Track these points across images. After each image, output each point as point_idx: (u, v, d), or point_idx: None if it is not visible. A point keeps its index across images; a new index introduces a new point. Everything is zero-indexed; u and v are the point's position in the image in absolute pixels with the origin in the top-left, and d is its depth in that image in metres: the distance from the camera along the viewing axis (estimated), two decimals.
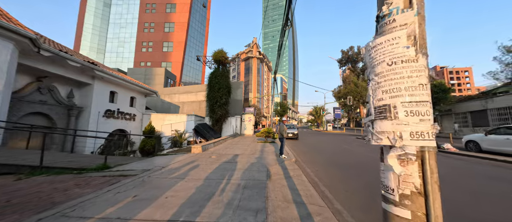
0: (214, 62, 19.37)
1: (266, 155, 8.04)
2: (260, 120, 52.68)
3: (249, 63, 63.21)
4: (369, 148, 11.40)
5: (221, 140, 12.66)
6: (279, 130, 7.99)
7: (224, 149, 9.66)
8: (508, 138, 8.20)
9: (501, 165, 6.76)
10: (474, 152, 9.25)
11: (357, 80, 54.94)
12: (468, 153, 8.98)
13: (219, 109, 17.86)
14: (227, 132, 19.19)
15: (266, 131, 13.43)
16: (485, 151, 9.00)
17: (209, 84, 18.65)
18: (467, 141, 9.88)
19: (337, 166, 6.60)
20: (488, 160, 7.59)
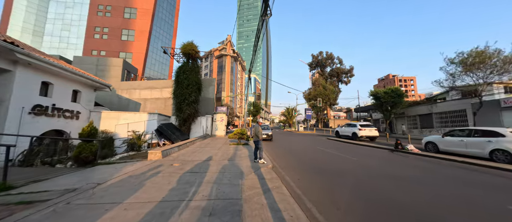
0: (183, 55, 17.48)
1: (239, 161, 7.07)
2: (233, 120, 51.31)
3: (222, 61, 61.22)
4: (341, 149, 11.48)
5: (188, 142, 11.18)
6: (254, 131, 7.12)
7: (190, 154, 8.33)
8: (462, 139, 8.97)
9: (461, 166, 7.20)
10: (432, 152, 9.97)
11: (326, 84, 58.37)
12: (429, 153, 9.60)
13: (188, 108, 16.13)
14: (197, 132, 17.54)
15: (239, 132, 12.46)
16: (441, 151, 9.72)
17: (176, 79, 16.70)
18: (427, 142, 10.55)
19: (318, 172, 6.05)
20: (449, 160, 8.11)
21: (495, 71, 15.34)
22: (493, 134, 8.13)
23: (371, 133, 16.76)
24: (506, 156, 7.41)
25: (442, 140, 9.88)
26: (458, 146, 9.07)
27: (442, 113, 22.56)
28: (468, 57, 16.58)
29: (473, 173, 6.17)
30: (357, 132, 16.70)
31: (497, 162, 7.43)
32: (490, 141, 8.02)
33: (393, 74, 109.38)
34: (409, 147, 10.17)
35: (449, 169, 6.69)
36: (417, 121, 26.29)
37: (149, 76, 30.10)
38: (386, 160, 8.20)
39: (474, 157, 8.32)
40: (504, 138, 7.70)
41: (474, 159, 7.96)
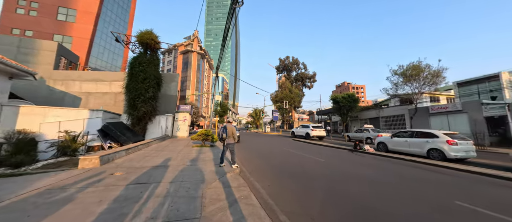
0: (140, 45, 15.22)
1: (202, 165, 6.19)
2: (197, 120, 48.50)
3: (188, 57, 57.52)
4: (307, 150, 11.70)
5: (141, 145, 9.53)
6: (228, 133, 6.19)
7: (141, 159, 6.96)
8: (406, 140, 10.19)
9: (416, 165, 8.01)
10: (383, 151, 11.09)
11: (291, 87, 61.17)
12: (381, 153, 10.56)
13: (143, 105, 14.03)
14: (154, 133, 15.48)
15: (204, 133, 11.38)
16: (390, 150, 10.85)
17: (130, 72, 14.37)
18: (378, 142, 11.72)
19: (289, 176, 5.70)
20: (397, 159, 8.98)
21: (426, 82, 18.37)
22: (430, 135, 9.33)
23: (320, 133, 20.23)
24: (439, 153, 8.68)
25: (390, 140, 11.05)
26: (403, 145, 10.27)
27: (387, 116, 26.03)
28: (407, 70, 19.48)
29: (431, 173, 6.82)
30: (310, 132, 20.02)
31: (433, 159, 8.63)
32: (428, 141, 9.21)
33: (348, 82, 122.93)
34: (365, 147, 11.02)
35: (409, 169, 7.28)
36: (368, 123, 29.73)
37: (95, 67, 25.26)
38: (349, 160, 8.54)
39: (415, 155, 9.46)
40: (438, 138, 8.93)
41: (417, 157, 9.07)
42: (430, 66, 18.55)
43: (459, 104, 18.37)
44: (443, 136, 8.90)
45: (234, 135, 6.27)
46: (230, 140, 6.19)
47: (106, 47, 27.21)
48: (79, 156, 9.19)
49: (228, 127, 6.24)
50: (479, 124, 16.53)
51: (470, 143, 8.94)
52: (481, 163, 8.13)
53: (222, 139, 6.11)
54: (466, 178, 5.81)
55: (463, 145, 8.55)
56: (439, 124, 19.79)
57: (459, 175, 6.15)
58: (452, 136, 8.89)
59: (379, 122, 27.15)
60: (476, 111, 16.99)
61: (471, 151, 8.69)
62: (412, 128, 19.94)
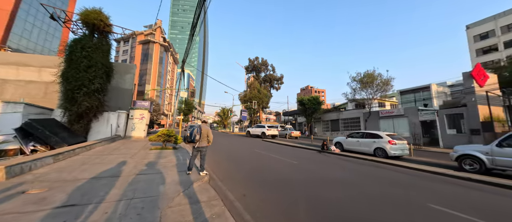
0: (85, 26, 12.45)
1: (162, 174, 5.10)
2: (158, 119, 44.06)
3: (148, 48, 51.81)
4: (277, 151, 11.51)
5: (79, 148, 7.57)
6: (203, 134, 5.25)
7: (77, 167, 5.36)
8: (358, 140, 11.26)
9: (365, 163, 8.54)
10: (339, 150, 11.81)
11: (260, 87, 61.87)
12: (346, 153, 11.15)
13: (87, 99, 11.47)
14: (101, 133, 12.90)
15: (165, 133, 9.92)
16: (345, 150, 11.79)
17: (69, 57, 11.56)
18: (336, 142, 12.61)
19: (264, 183, 5.17)
20: (360, 159, 9.55)
21: (378, 89, 20.80)
22: (376, 136, 10.51)
23: (273, 132, 22.17)
24: (383, 152, 9.83)
25: (345, 140, 12.05)
26: (355, 145, 11.32)
27: (346, 119, 28.60)
28: (363, 77, 21.71)
29: (393, 173, 7.24)
30: (265, 131, 21.74)
31: (378, 157, 9.74)
32: (374, 141, 10.36)
33: (311, 86, 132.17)
34: (332, 148, 11.49)
35: (374, 169, 7.65)
36: (329, 125, 32.17)
37: (19, 48, 19.47)
38: (321, 162, 8.60)
39: (365, 154, 10.47)
40: (382, 139, 10.13)
41: (366, 155, 10.03)
42: (381, 75, 21.08)
43: (402, 109, 21.42)
44: (386, 136, 10.13)
45: (209, 137, 5.38)
46: (203, 143, 5.30)
47: (36, 24, 21.22)
48: None
49: (203, 128, 5.32)
50: (416, 126, 19.58)
51: (405, 143, 10.37)
52: (426, 161, 9.30)
53: (193, 141, 5.16)
54: (424, 178, 6.37)
55: (400, 145, 9.93)
56: (386, 126, 22.70)
57: (416, 174, 6.74)
58: (392, 136, 10.18)
59: (339, 124, 29.63)
60: (414, 116, 20.08)
61: (405, 149, 10.18)
62: (366, 129, 22.32)
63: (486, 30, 34.81)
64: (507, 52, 30.37)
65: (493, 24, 33.98)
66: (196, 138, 5.12)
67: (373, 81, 21.02)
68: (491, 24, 34.14)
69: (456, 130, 17.16)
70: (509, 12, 32.26)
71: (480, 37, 35.25)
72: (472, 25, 36.60)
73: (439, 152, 14.16)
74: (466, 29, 37.04)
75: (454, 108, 17.66)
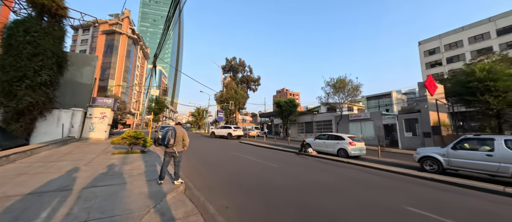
0: (30, 5, 10.35)
1: (126, 184, 4.34)
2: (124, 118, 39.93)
3: (113, 39, 46.78)
4: (255, 153, 11.28)
5: (16, 154, 6.09)
6: (178, 138, 4.66)
7: (10, 179, 4.20)
8: (324, 141, 12.29)
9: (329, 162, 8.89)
10: (316, 153, 12.19)
11: (237, 88, 61.26)
12: (323, 155, 11.48)
13: (30, 93, 9.49)
14: (49, 134, 10.86)
15: (131, 135, 8.76)
16: (314, 150, 12.50)
17: (7, 41, 9.43)
18: (306, 143, 13.35)
19: (250, 190, 4.82)
20: (335, 161, 9.93)
21: (349, 94, 22.31)
22: (339, 138, 11.56)
23: (239, 132, 23.45)
24: (344, 152, 10.84)
25: (314, 141, 12.99)
26: (322, 146, 12.28)
27: (319, 121, 30.01)
28: (336, 83, 23.07)
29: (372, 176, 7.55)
30: (232, 132, 22.65)
31: (340, 157, 10.70)
32: (338, 142, 11.38)
33: (286, 89, 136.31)
34: (309, 150, 11.74)
35: (350, 171, 7.89)
36: (304, 127, 33.38)
37: None
38: (300, 165, 8.60)
39: (330, 154, 11.42)
40: (344, 140, 11.20)
41: (331, 155, 11.01)
42: (352, 81, 22.68)
43: (368, 114, 23.38)
44: (347, 138, 11.18)
45: (185, 141, 4.80)
46: (179, 148, 4.69)
47: None
48: None
49: (178, 130, 4.69)
50: (380, 129, 21.57)
51: (363, 144, 11.51)
52: (392, 162, 10.10)
53: (167, 145, 4.50)
54: (395, 179, 6.81)
55: (359, 146, 11.02)
56: (355, 129, 24.50)
57: (388, 176, 7.19)
58: (352, 138, 11.23)
59: (313, 126, 30.96)
60: (378, 119, 22.09)
61: (363, 149, 11.32)
62: (338, 131, 23.75)
63: (433, 47, 40.63)
64: (449, 67, 35.84)
65: (438, 42, 39.83)
66: (170, 142, 4.50)
67: (344, 86, 22.49)
68: (437, 42, 39.98)
69: (412, 133, 19.39)
70: (452, 32, 38.17)
71: (429, 53, 40.96)
72: (423, 41, 42.29)
73: (399, 153, 15.72)
74: (418, 45, 42.65)
75: (411, 114, 19.95)
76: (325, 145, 12.03)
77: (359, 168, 8.29)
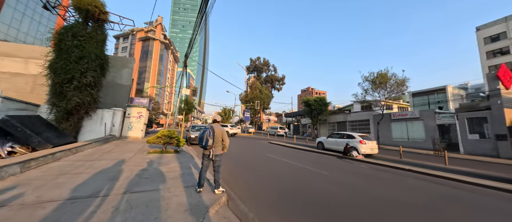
0: (77, 11, 11.13)
1: (163, 191, 3.79)
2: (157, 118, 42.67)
3: (148, 45, 50.50)
4: (293, 157, 10.22)
5: (61, 152, 6.23)
6: (217, 138, 3.93)
7: (51, 180, 4.04)
8: (336, 140, 12.45)
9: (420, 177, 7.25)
10: (320, 149, 13.27)
11: (262, 88, 60.59)
12: (369, 160, 9.88)
13: (78, 94, 10.13)
14: (94, 133, 11.56)
15: (165, 134, 8.60)
16: (326, 149, 13.10)
17: (58, 46, 10.23)
18: (318, 141, 13.95)
19: (306, 206, 3.86)
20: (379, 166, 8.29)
21: (392, 90, 19.54)
22: (350, 136, 11.66)
23: (235, 130, 24.92)
24: (355, 149, 10.68)
25: (326, 140, 13.35)
26: (334, 144, 12.51)
27: (353, 121, 27.36)
28: (376, 77, 20.44)
29: (461, 192, 5.96)
30: (229, 130, 23.02)
31: (347, 155, 10.53)
32: (349, 141, 11.36)
33: (312, 87, 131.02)
34: (354, 154, 10.21)
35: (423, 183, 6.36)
36: (335, 127, 30.91)
37: (6, 38, 17.93)
38: (353, 173, 7.32)
39: (339, 151, 11.55)
40: (355, 139, 11.20)
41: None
42: (396, 75, 19.82)
43: (417, 112, 20.21)
44: (358, 137, 11.16)
45: (224, 142, 4.08)
46: (218, 150, 3.98)
47: (27, 14, 19.63)
48: None
49: (216, 129, 3.97)
50: (432, 130, 18.37)
51: (374, 143, 11.60)
52: (471, 172, 8.02)
53: (205, 146, 3.83)
54: (492, 196, 5.10)
55: (369, 144, 10.99)
56: (399, 129, 21.47)
57: (486, 193, 5.46)
58: (363, 137, 11.25)
59: (346, 126, 28.38)
60: (430, 119, 18.87)
61: (375, 148, 11.26)
62: (378, 132, 21.09)
63: (496, 32, 33.79)
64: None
65: (504, 25, 32.96)
66: (208, 143, 3.80)
67: (386, 81, 19.78)
68: (502, 26, 33.12)
69: (479, 135, 15.95)
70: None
71: (491, 39, 34.21)
72: (482, 27, 35.58)
73: (466, 159, 12.94)
74: (476, 31, 36.02)
75: (476, 112, 16.45)
76: (336, 143, 12.27)
77: (428, 179, 6.63)
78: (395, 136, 21.55)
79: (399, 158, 11.08)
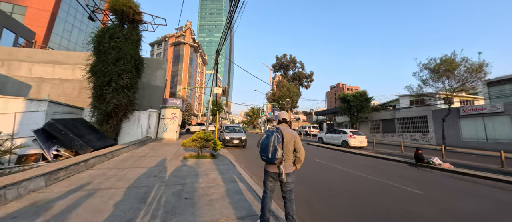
0: (113, 13, 11.16)
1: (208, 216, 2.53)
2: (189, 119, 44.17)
3: (179, 50, 52.91)
4: (352, 163, 8.27)
5: (96, 157, 5.67)
6: (286, 146, 2.51)
7: (73, 199, 3.19)
8: (332, 135, 14.97)
9: None
10: (321, 143, 15.88)
11: (290, 86, 58.14)
12: (456, 169, 7.34)
13: (115, 96, 10.04)
14: (131, 135, 11.51)
15: (202, 137, 7.69)
16: (325, 142, 15.73)
17: (96, 48, 10.32)
18: (318, 137, 16.71)
19: None
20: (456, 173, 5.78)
21: (467, 78, 15.58)
22: (343, 132, 13.94)
23: (212, 128, 23.77)
24: (346, 143, 13.00)
25: (325, 136, 16.05)
26: (331, 139, 14.98)
27: (404, 118, 23.29)
28: (440, 63, 16.64)
29: None
30: None
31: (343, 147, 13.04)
32: (342, 136, 13.75)
33: (342, 83, 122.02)
34: (435, 161, 7.76)
35: None
36: (380, 126, 27.00)
37: (59, 49, 20.15)
38: (445, 187, 5.19)
39: (335, 145, 14.21)
40: (346, 134, 13.52)
41: None
42: (467, 60, 15.78)
43: (501, 105, 15.79)
44: (349, 132, 13.44)
45: (298, 153, 2.59)
46: (289, 166, 2.52)
47: (76, 25, 21.98)
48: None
49: (285, 133, 2.53)
50: None
51: (363, 137, 13.49)
52: None
53: (272, 160, 2.37)
54: None
55: (358, 138, 13.16)
56: (472, 127, 17.19)
57: None
58: (353, 132, 13.41)
59: (395, 124, 24.44)
60: None
61: (363, 142, 13.34)
62: (443, 131, 17.21)
63: None
64: None
65: None
66: (277, 155, 2.36)
67: (455, 68, 15.90)
68: None
69: None
70: None
71: None
72: None
73: None
74: None
75: None
76: (332, 138, 14.78)
77: None
78: (466, 136, 17.34)
79: (500, 167, 8.14)
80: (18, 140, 7.36)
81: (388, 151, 13.30)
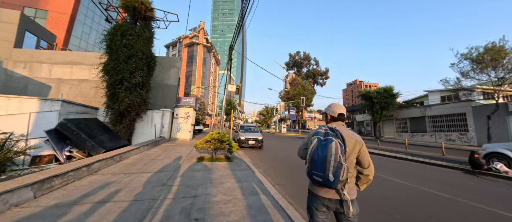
0: (125, 10, 10.89)
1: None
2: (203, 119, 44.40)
3: (193, 50, 53.52)
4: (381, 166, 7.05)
5: (101, 160, 5.16)
6: (348, 156, 1.54)
7: (61, 214, 2.56)
8: None
9: None
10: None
11: (304, 84, 56.19)
12: None
13: (128, 95, 9.72)
14: (144, 134, 11.20)
15: (216, 138, 6.98)
16: None
17: (109, 46, 10.07)
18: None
19: None
20: None
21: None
22: None
23: None
24: None
25: None
26: None
27: (438, 116, 20.88)
28: (484, 52, 14.41)
29: None
30: None
31: None
32: None
33: (360, 80, 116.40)
34: (499, 167, 6.28)
35: None
36: (408, 124, 24.65)
37: (78, 50, 20.94)
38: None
39: None
40: None
41: None
42: None
43: None
44: None
45: (365, 167, 1.59)
46: (352, 188, 1.55)
47: (94, 27, 22.79)
48: (14, 172, 5.08)
49: (347, 138, 1.53)
50: None
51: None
52: None
53: (332, 184, 1.38)
54: None
55: None
56: None
57: None
58: None
59: (425, 123, 22.07)
60: None
61: None
62: (489, 130, 14.94)
63: None
64: None
65: None
66: (341, 176, 1.41)
67: (503, 57, 13.65)
68: None
69: None
70: None
71: None
72: None
73: None
74: None
75: None
76: None
77: None
78: None
79: None
80: (31, 141, 7.21)
81: (424, 152, 11.68)
